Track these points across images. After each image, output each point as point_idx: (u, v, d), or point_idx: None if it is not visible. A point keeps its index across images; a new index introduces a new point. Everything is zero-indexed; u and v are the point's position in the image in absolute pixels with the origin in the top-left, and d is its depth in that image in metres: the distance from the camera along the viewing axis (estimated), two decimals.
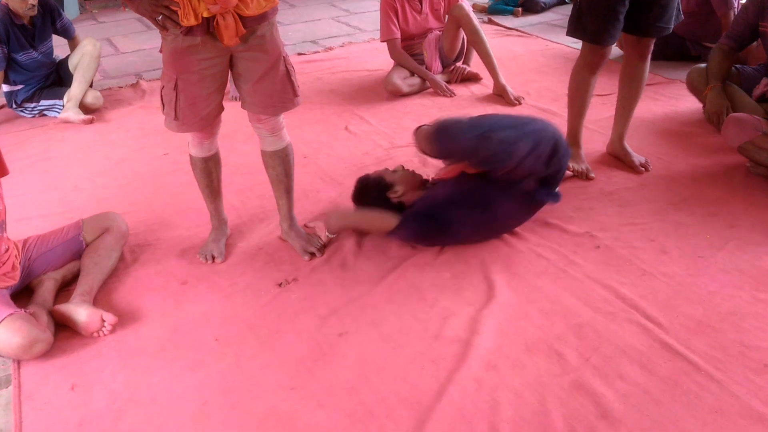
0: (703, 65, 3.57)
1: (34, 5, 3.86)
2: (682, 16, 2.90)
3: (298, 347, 2.11)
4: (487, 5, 6.20)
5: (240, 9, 2.10)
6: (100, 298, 2.36)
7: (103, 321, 2.18)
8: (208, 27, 2.10)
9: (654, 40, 2.92)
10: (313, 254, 2.57)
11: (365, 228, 2.68)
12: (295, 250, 2.60)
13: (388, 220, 2.56)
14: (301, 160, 3.28)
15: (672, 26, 2.85)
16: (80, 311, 2.18)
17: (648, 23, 2.81)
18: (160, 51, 2.23)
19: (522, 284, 2.34)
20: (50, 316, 2.22)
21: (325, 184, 3.13)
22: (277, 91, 2.32)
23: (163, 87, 2.27)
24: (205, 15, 2.06)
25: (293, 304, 2.31)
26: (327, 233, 2.65)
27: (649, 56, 2.96)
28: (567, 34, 2.98)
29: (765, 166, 2.88)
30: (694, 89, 3.63)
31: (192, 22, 2.06)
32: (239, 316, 2.27)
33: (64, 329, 2.21)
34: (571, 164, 3.05)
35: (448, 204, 2.52)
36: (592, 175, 3.04)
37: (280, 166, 2.51)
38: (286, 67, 2.32)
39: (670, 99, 3.91)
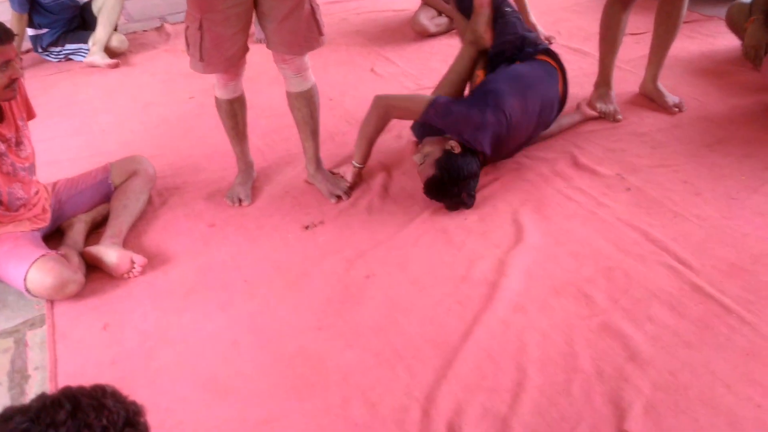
0: (745, 0, 3.43)
1: None
2: None
3: (326, 289, 2.12)
4: None
5: None
6: (129, 240, 2.39)
7: (133, 262, 2.21)
8: None
9: None
10: (339, 197, 2.56)
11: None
12: (321, 193, 2.60)
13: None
14: (327, 102, 3.24)
15: None
16: (110, 253, 2.21)
17: None
18: None
19: (551, 227, 2.32)
20: (81, 258, 2.26)
21: (351, 127, 3.10)
22: (302, 30, 2.28)
23: (188, 27, 2.24)
24: None
25: (320, 247, 2.32)
26: (354, 163, 2.63)
27: None
28: None
29: None
30: (734, 26, 3.49)
31: None
32: (267, 258, 2.29)
33: (95, 270, 2.24)
34: (598, 104, 2.98)
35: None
36: (620, 117, 2.96)
37: (306, 107, 2.49)
38: (311, 5, 2.27)
39: (707, 37, 3.77)
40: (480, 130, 2.42)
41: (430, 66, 3.67)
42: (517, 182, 2.58)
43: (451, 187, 2.40)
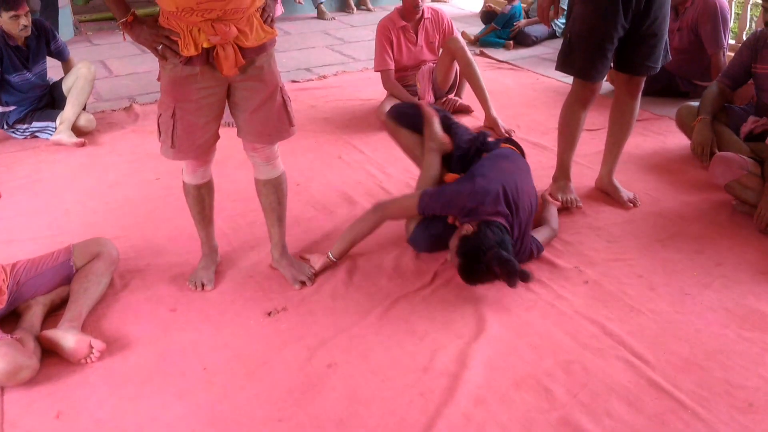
0: (693, 103, 3.65)
1: (27, 26, 3.87)
2: (670, 56, 2.96)
3: (287, 378, 2.10)
4: (476, 37, 6.28)
5: (240, 40, 2.13)
6: (88, 324, 2.35)
7: (92, 347, 2.17)
8: (208, 57, 2.13)
9: (644, 79, 2.97)
10: (303, 283, 2.57)
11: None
12: (285, 278, 2.61)
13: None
14: (294, 187, 3.28)
15: (659, 66, 2.91)
16: (68, 337, 2.17)
17: (636, 62, 2.87)
18: (158, 79, 2.25)
19: (511, 318, 2.36)
20: (37, 342, 2.21)
21: (317, 213, 3.14)
22: (273, 121, 2.35)
23: (161, 115, 2.29)
24: (205, 45, 2.08)
25: (282, 334, 2.31)
26: (330, 255, 2.66)
27: (640, 94, 3.02)
28: (556, 69, 3.03)
29: (750, 205, 2.92)
30: (683, 126, 3.70)
31: (192, 52, 2.08)
32: (228, 345, 2.27)
33: (51, 355, 2.19)
34: (559, 195, 3.09)
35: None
36: (580, 204, 3.08)
37: (274, 194, 2.53)
38: (282, 97, 2.35)
39: (659, 135, 3.96)
40: (478, 194, 2.46)
41: (395, 154, 3.74)
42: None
43: (477, 266, 2.36)
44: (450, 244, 2.49)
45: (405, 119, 2.95)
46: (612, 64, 2.96)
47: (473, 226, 2.42)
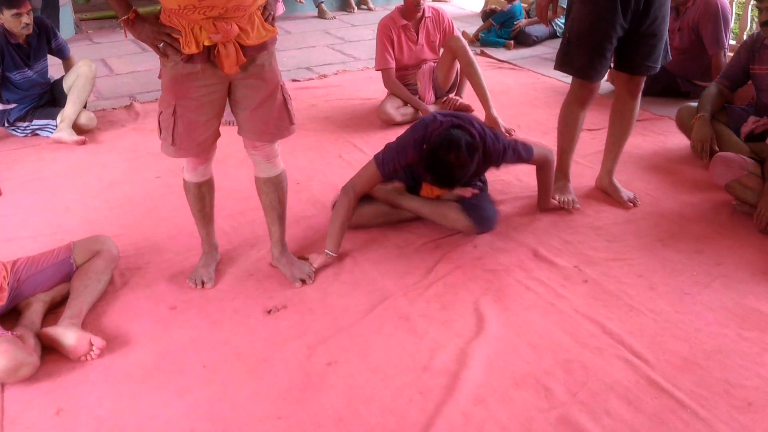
0: (693, 104, 3.65)
1: (28, 24, 3.88)
2: (670, 56, 2.96)
3: (286, 376, 2.11)
4: (475, 35, 6.29)
5: (241, 38, 2.13)
6: (88, 322, 2.35)
7: (92, 345, 2.17)
8: (209, 55, 2.13)
9: (644, 79, 2.98)
10: (303, 281, 2.58)
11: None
12: (285, 276, 2.61)
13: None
14: (294, 186, 3.28)
15: (659, 65, 2.91)
16: (68, 334, 2.17)
17: (636, 61, 2.87)
18: (159, 77, 2.26)
19: (511, 317, 2.36)
20: (37, 339, 2.21)
21: (317, 211, 3.14)
22: (273, 119, 2.35)
23: (161, 112, 2.29)
24: (207, 43, 2.09)
25: (282, 332, 2.31)
26: (327, 251, 2.67)
27: (640, 94, 3.02)
28: (555, 68, 3.03)
29: (750, 205, 2.93)
30: (683, 126, 3.70)
31: (193, 50, 2.08)
32: (228, 342, 2.27)
33: (51, 352, 2.19)
34: (557, 196, 3.09)
35: None
36: (578, 205, 3.08)
37: (274, 192, 2.53)
38: (283, 95, 2.35)
39: (659, 135, 3.97)
40: (418, 124, 2.69)
41: None
42: (477, 271, 2.63)
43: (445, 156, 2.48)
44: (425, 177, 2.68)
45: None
46: (612, 64, 2.96)
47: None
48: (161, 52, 2.12)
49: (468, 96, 4.39)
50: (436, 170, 2.53)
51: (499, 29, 6.27)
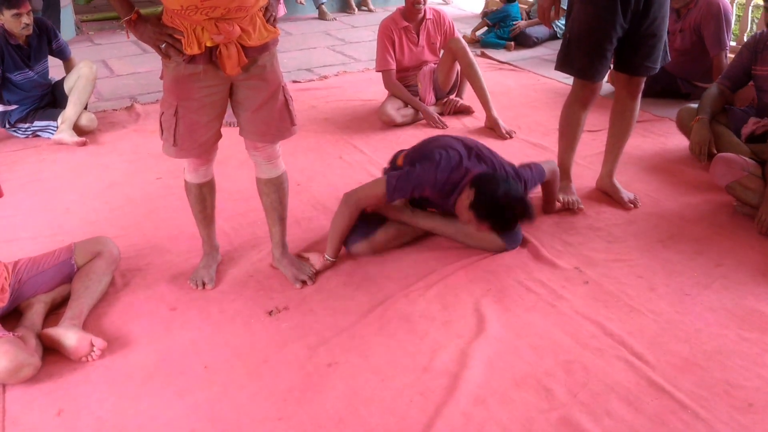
0: (693, 105, 3.65)
1: (28, 24, 3.88)
2: (669, 57, 2.96)
3: (287, 377, 2.11)
4: (478, 37, 6.30)
5: (243, 39, 2.13)
6: (89, 323, 2.35)
7: (92, 345, 2.18)
8: (211, 56, 2.13)
9: (644, 80, 2.98)
10: (304, 282, 2.58)
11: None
12: (286, 277, 2.61)
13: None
14: (295, 187, 3.29)
15: (658, 66, 2.91)
16: (69, 335, 2.18)
17: (636, 62, 2.88)
18: (161, 77, 2.26)
19: (512, 318, 2.36)
20: (38, 340, 2.21)
21: (318, 213, 3.15)
22: (275, 120, 2.35)
23: (163, 113, 2.29)
24: (209, 44, 2.09)
25: (283, 333, 2.32)
26: (327, 257, 2.67)
27: (640, 95, 3.02)
28: (555, 69, 3.04)
29: (751, 206, 2.93)
30: (684, 128, 3.70)
31: (195, 51, 2.09)
32: (228, 343, 2.27)
33: (52, 353, 2.20)
34: (560, 196, 3.09)
35: None
36: (581, 206, 3.08)
37: (275, 193, 2.53)
38: (284, 96, 2.35)
39: (659, 136, 3.97)
40: (443, 163, 2.58)
41: None
42: (479, 272, 2.63)
43: (501, 212, 2.50)
44: (464, 219, 2.58)
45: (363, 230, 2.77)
46: (612, 65, 2.96)
47: (470, 189, 2.52)
48: (163, 52, 2.13)
49: (468, 97, 4.40)
50: (504, 226, 2.58)
51: (496, 29, 6.27)
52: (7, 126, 4.12)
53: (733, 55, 3.71)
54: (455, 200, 2.60)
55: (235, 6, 2.05)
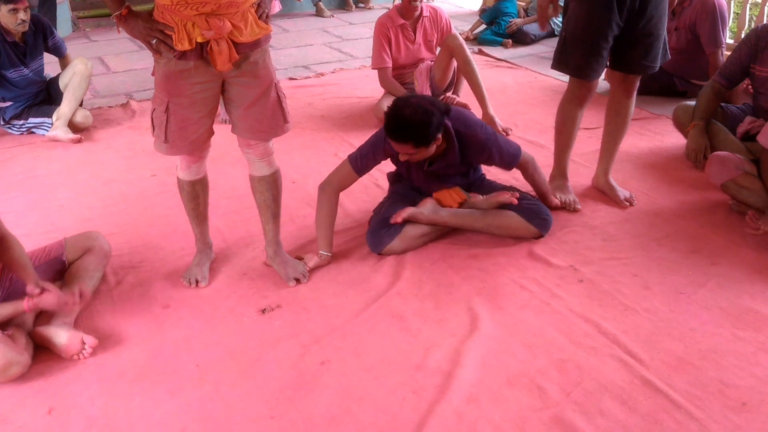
0: (690, 102, 3.63)
1: (24, 21, 3.87)
2: (669, 55, 2.95)
3: (279, 375, 2.10)
4: (472, 35, 6.28)
5: (234, 35, 2.12)
6: (81, 320, 2.34)
7: (84, 343, 2.17)
8: (202, 52, 2.12)
9: (639, 77, 2.97)
10: (297, 280, 2.57)
11: None
12: (279, 276, 2.60)
13: None
14: (289, 185, 3.28)
15: (658, 65, 2.90)
16: (60, 333, 2.16)
17: (633, 60, 2.87)
18: (153, 74, 2.24)
19: (505, 317, 2.35)
20: (29, 338, 2.20)
21: (313, 210, 3.10)
22: (267, 117, 2.34)
23: (154, 110, 2.28)
24: (200, 40, 2.08)
25: (275, 332, 2.31)
26: (321, 252, 2.66)
27: (635, 92, 3.01)
28: (552, 67, 3.03)
29: (747, 205, 2.92)
30: (680, 125, 3.68)
31: (186, 46, 2.07)
32: (221, 342, 2.26)
33: (43, 351, 2.19)
34: (558, 195, 3.08)
35: None
36: (579, 206, 3.07)
37: (268, 191, 2.52)
38: (277, 93, 2.34)
39: (656, 134, 3.96)
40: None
41: None
42: (472, 271, 2.62)
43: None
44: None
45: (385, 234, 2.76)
46: (608, 63, 2.95)
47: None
48: (154, 48, 2.11)
49: (465, 95, 4.38)
50: (390, 126, 2.58)
51: (492, 26, 6.26)
52: (2, 123, 4.10)
53: (729, 53, 3.68)
54: None
55: (225, 2, 2.04)
